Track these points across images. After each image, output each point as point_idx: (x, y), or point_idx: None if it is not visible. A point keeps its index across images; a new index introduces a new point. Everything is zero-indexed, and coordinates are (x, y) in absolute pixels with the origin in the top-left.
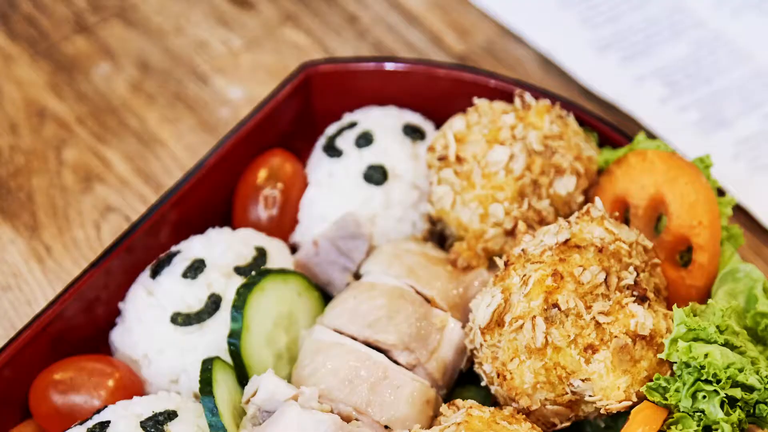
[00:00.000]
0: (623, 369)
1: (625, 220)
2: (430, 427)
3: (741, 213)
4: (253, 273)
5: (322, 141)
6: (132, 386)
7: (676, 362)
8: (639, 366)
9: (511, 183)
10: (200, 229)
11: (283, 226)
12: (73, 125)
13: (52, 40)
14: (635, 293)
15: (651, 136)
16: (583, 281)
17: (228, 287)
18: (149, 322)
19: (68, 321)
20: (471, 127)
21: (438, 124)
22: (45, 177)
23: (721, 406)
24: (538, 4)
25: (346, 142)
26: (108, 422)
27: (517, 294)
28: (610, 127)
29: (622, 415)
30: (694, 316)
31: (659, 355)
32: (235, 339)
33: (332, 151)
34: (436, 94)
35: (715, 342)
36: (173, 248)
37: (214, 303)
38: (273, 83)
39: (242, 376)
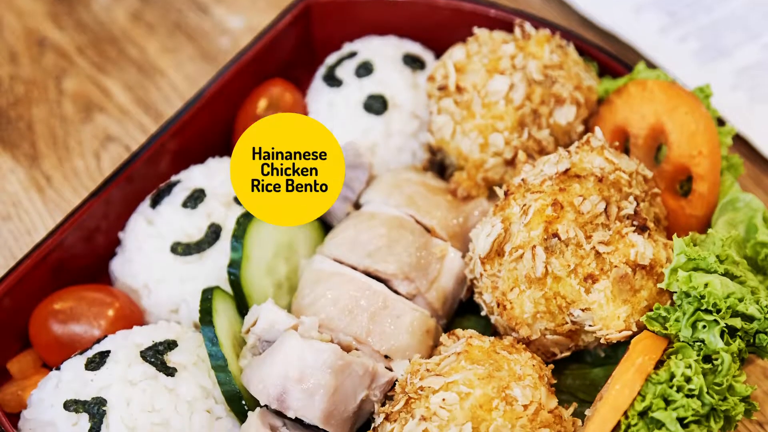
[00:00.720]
0: (623, 299)
1: (625, 150)
2: (430, 356)
3: (741, 143)
4: None
5: (321, 71)
6: (132, 316)
7: (676, 292)
8: (639, 296)
9: (511, 113)
10: (200, 159)
11: None
12: (73, 55)
13: None
14: (635, 223)
15: (651, 65)
16: (583, 211)
17: (228, 217)
18: (149, 252)
19: (68, 251)
20: (471, 56)
21: (438, 54)
22: (45, 107)
23: (721, 335)
24: None
25: (345, 71)
26: (108, 352)
27: (517, 224)
28: (610, 57)
29: (622, 345)
30: (694, 245)
31: (659, 285)
32: (235, 269)
33: (332, 80)
34: (436, 23)
35: (715, 272)
36: (173, 178)
37: (214, 233)
38: (273, 13)
39: (242, 306)
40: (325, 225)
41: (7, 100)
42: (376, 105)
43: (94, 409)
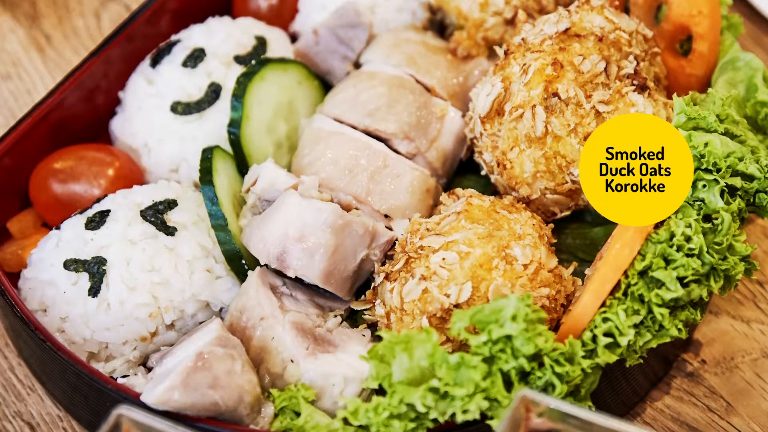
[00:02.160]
0: None
1: (625, 9)
2: (430, 215)
3: (741, 2)
4: (253, 62)
5: None
6: (132, 175)
7: None
8: None
9: None
10: (200, 18)
11: (283, 14)
12: None
13: None
14: (635, 82)
15: None
16: (583, 70)
17: (228, 76)
18: (149, 111)
19: (68, 110)
20: None
21: None
22: None
23: (721, 195)
24: None
25: None
26: (108, 211)
27: (517, 83)
28: None
29: None
30: (694, 105)
31: None
32: (235, 128)
33: None
34: None
35: (715, 131)
36: (173, 37)
37: (214, 92)
38: None
39: (242, 166)
40: (325, 84)
41: None
42: None
43: (94, 269)
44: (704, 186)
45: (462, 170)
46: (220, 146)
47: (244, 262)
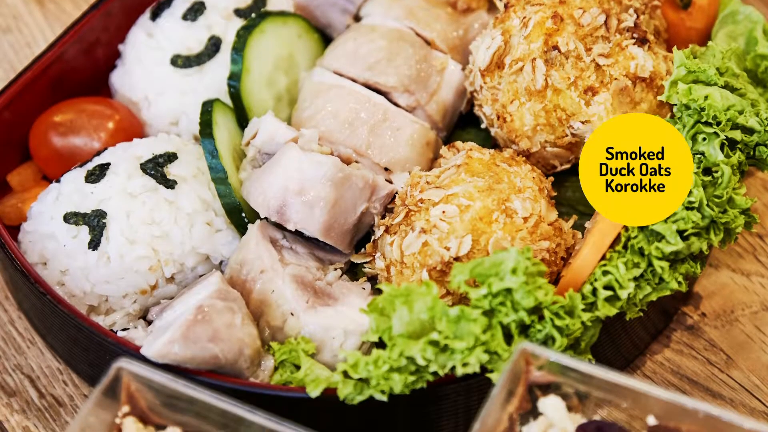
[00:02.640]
0: (623, 111)
1: None
2: (430, 169)
3: None
4: (253, 15)
5: None
6: (132, 128)
7: (676, 104)
8: (639, 108)
9: None
10: None
11: None
12: None
13: None
14: (635, 35)
15: None
16: (583, 23)
17: (228, 29)
18: (149, 64)
19: (68, 63)
20: None
21: None
22: None
23: (721, 148)
24: None
25: None
26: (108, 164)
27: (517, 36)
28: None
29: None
30: (694, 58)
31: (659, 98)
32: (235, 81)
33: None
34: None
35: (715, 84)
36: None
37: (214, 45)
38: None
39: (242, 119)
40: (325, 38)
41: None
42: None
43: (94, 222)
44: (704, 139)
45: (462, 123)
46: (220, 99)
47: (244, 215)
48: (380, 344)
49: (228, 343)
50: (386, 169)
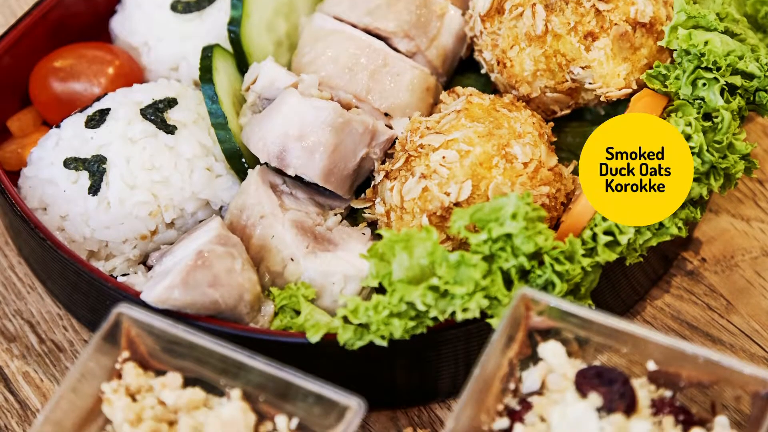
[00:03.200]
0: (623, 56)
1: None
2: (430, 114)
3: None
4: None
5: None
6: (132, 74)
7: (676, 50)
8: (639, 53)
9: None
10: None
11: None
12: None
13: None
14: None
15: None
16: None
17: None
18: (149, 9)
19: (68, 8)
20: None
21: None
22: None
23: (721, 93)
24: None
25: None
26: (108, 109)
27: None
28: None
29: (622, 103)
30: (694, 3)
31: (659, 43)
32: (235, 26)
33: None
34: None
35: (715, 29)
36: None
37: None
38: None
39: (242, 64)
40: None
41: None
42: None
43: (94, 167)
44: (704, 84)
45: (462, 69)
46: (220, 45)
47: (244, 160)
48: (380, 290)
49: (228, 289)
50: (386, 114)
